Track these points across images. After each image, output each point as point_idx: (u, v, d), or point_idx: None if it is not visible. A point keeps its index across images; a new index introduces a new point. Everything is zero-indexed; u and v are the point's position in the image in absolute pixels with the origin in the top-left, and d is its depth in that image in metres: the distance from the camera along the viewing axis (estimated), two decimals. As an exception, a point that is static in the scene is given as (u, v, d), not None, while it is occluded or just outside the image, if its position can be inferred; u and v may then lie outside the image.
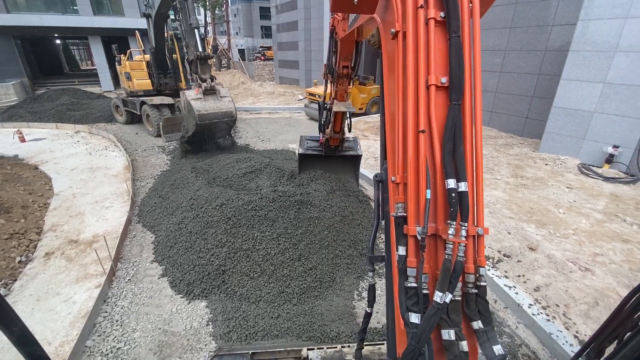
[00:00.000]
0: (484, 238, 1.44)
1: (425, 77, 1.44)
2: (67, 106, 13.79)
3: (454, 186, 1.36)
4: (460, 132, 1.43)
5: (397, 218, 1.47)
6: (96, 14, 19.49)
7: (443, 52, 1.47)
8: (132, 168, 7.65)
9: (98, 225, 5.31)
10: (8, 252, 4.48)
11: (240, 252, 4.14)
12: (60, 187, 6.82)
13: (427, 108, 1.44)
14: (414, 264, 1.39)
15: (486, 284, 1.42)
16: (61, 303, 3.73)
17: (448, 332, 1.32)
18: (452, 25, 1.43)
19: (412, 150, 1.43)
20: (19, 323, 1.11)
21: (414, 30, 1.46)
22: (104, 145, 9.70)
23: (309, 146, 6.13)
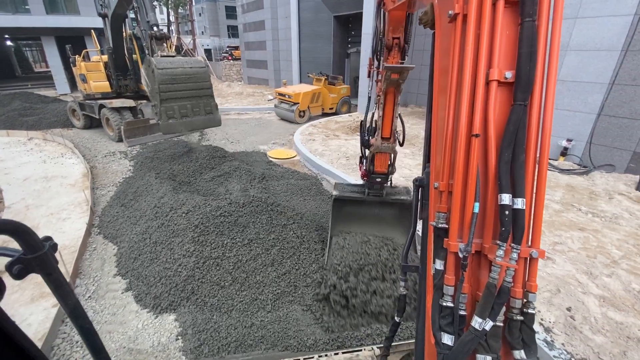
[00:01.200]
0: (537, 261, 1.25)
1: (486, 71, 1.21)
2: (18, 111, 12.76)
3: (508, 202, 1.17)
4: (524, 139, 1.20)
5: (437, 229, 1.32)
6: (49, 12, 18.22)
7: (511, 40, 1.22)
8: (92, 176, 7.21)
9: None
10: (-53, 275, 4.05)
11: (209, 260, 3.99)
12: (11, 199, 6.28)
13: (484, 107, 1.22)
14: (452, 283, 1.25)
15: (535, 312, 1.25)
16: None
17: (484, 358, 1.19)
18: (527, 6, 1.15)
19: (462, 155, 1.24)
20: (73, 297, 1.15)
21: (477, 13, 1.20)
22: (60, 152, 9.07)
23: (347, 189, 4.45)
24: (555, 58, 1.20)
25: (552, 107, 1.22)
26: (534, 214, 1.25)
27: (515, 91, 1.21)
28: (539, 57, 1.18)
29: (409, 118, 11.59)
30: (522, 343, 1.24)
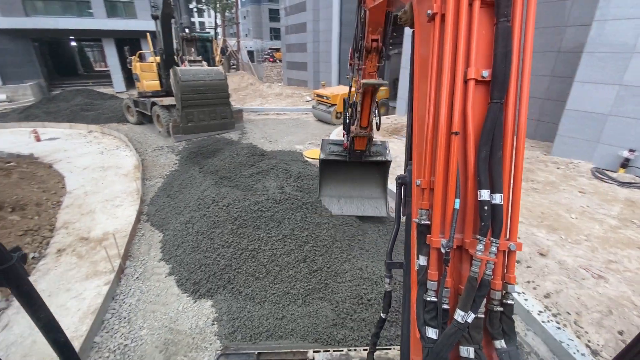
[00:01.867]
0: (515, 254, 1.29)
1: (464, 70, 1.24)
2: (80, 106, 14.11)
3: (487, 198, 1.21)
4: (500, 136, 1.24)
5: (419, 225, 1.36)
6: (110, 16, 19.94)
7: (487, 40, 1.26)
8: (142, 167, 7.77)
9: (108, 223, 5.40)
10: (22, 249, 4.58)
11: (246, 252, 4.16)
12: (72, 185, 6.96)
13: (463, 106, 1.25)
14: (435, 278, 1.29)
15: (514, 303, 1.30)
16: (71, 299, 3.80)
17: (467, 350, 1.23)
18: (502, 7, 1.20)
19: (442, 153, 1.27)
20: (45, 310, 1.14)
21: (455, 13, 1.24)
22: (116, 144, 9.88)
23: (332, 151, 5.44)
24: (529, 57, 1.23)
25: (526, 105, 1.26)
26: (512, 208, 1.28)
27: (492, 89, 1.24)
28: (513, 56, 1.21)
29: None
30: (503, 333, 1.28)
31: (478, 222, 1.24)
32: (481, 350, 1.24)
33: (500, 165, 1.23)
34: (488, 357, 1.26)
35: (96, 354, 3.18)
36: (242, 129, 11.71)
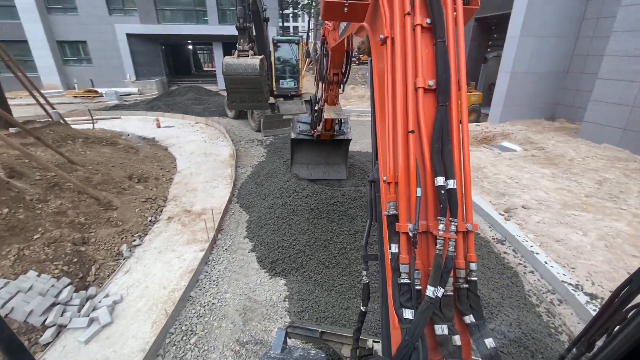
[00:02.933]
0: (473, 234, 1.46)
1: (414, 80, 1.50)
2: (191, 101, 16.45)
3: (442, 183, 1.40)
4: (448, 132, 1.47)
5: (389, 216, 1.50)
6: (220, 23, 22.70)
7: (430, 56, 1.53)
8: (236, 156, 8.76)
9: (206, 201, 6.28)
10: (143, 212, 5.67)
11: (319, 241, 4.42)
12: (181, 166, 8.25)
13: (415, 109, 1.49)
14: (407, 261, 1.42)
15: (477, 279, 1.44)
16: (175, 258, 4.57)
17: (441, 327, 1.34)
18: (438, 30, 1.50)
19: (402, 150, 1.47)
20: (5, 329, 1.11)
21: (402, 36, 1.53)
22: (216, 135, 11.29)
23: (301, 130, 6.37)
24: (463, 68, 1.54)
25: (466, 106, 1.54)
26: (465, 195, 1.47)
27: (437, 95, 1.50)
28: (451, 67, 1.49)
29: (555, 134, 9.87)
30: (470, 308, 1.42)
31: (438, 207, 1.42)
32: (453, 326, 1.36)
33: (451, 156, 1.45)
34: (460, 332, 1.38)
35: (191, 305, 3.79)
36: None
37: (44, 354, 3.10)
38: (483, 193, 6.31)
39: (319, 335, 3.00)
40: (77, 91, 20.00)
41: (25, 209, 4.57)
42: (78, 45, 22.19)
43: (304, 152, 6.62)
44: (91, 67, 22.45)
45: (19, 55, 20.75)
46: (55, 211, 4.82)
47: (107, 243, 4.71)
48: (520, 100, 11.41)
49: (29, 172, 5.33)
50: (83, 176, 6.01)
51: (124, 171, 6.90)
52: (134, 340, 3.28)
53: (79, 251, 4.33)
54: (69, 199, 5.20)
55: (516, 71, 10.89)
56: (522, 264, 4.47)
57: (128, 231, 5.08)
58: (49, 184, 5.30)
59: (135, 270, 4.34)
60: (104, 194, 5.69)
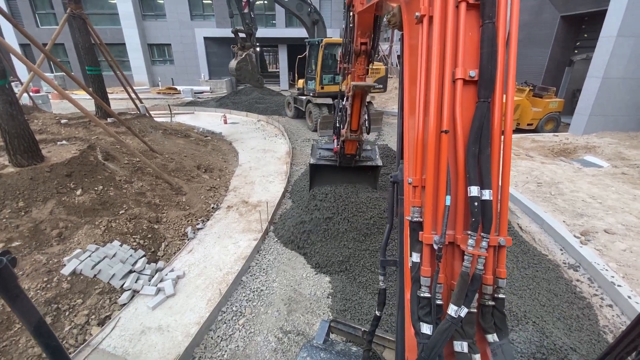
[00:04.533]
0: (505, 249, 1.30)
1: (452, 70, 1.27)
2: (255, 100, 17.45)
3: (477, 194, 1.22)
4: (488, 134, 1.26)
5: (412, 223, 1.36)
6: (287, 26, 23.69)
7: (474, 41, 1.27)
8: (292, 154, 9.10)
9: (262, 194, 6.64)
10: (207, 199, 6.21)
11: (366, 252, 4.40)
12: (242, 160, 8.83)
13: (452, 105, 1.27)
14: (429, 274, 1.29)
15: (504, 297, 1.31)
16: (231, 244, 4.93)
17: (461, 344, 1.23)
18: (487, 9, 1.22)
19: (433, 151, 1.28)
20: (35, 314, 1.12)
21: (441, 15, 1.27)
22: (275, 133, 11.85)
23: (322, 155, 5.44)
24: (513, 57, 1.25)
25: (512, 103, 1.30)
26: (501, 204, 1.29)
27: (479, 89, 1.26)
28: (499, 56, 1.23)
29: (651, 150, 8.44)
30: (495, 327, 1.29)
31: (469, 218, 1.25)
32: (474, 344, 1.25)
33: (489, 162, 1.25)
34: (481, 351, 1.27)
35: (242, 289, 4.06)
36: (379, 131, 12.06)
37: (120, 313, 3.59)
38: (556, 211, 5.67)
39: (361, 335, 3.01)
40: (160, 88, 22.53)
41: (114, 187, 5.32)
42: (164, 47, 24.95)
43: (324, 179, 5.65)
44: (173, 67, 25.09)
45: (117, 56, 24.00)
46: (137, 192, 5.53)
47: (175, 224, 5.26)
48: (611, 109, 9.97)
49: (119, 157, 6.18)
50: (160, 163, 6.78)
51: (193, 161, 7.62)
52: (192, 313, 3.63)
53: (153, 228, 4.91)
54: (148, 182, 5.92)
55: (609, 76, 9.55)
56: (599, 295, 3.93)
57: (193, 215, 5.61)
58: (134, 168, 6.09)
59: (197, 251, 4.78)
60: (176, 180, 6.35)
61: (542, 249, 4.88)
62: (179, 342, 3.27)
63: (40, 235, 4.16)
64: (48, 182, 4.67)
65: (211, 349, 3.30)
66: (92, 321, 3.47)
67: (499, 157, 1.30)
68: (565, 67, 14.95)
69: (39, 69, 5.44)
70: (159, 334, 3.37)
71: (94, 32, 8.43)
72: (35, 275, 3.62)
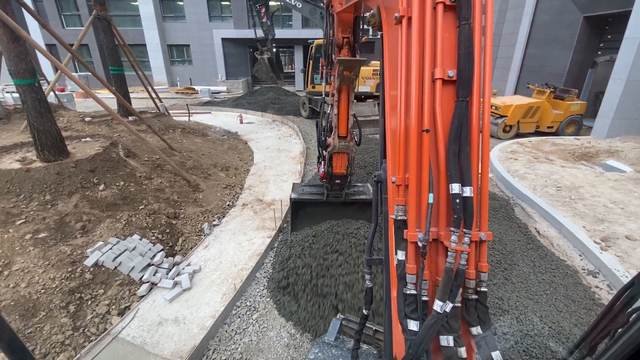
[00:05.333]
0: (486, 243, 1.33)
1: (431, 70, 1.28)
2: (270, 100, 17.65)
3: (458, 191, 1.25)
4: (467, 133, 1.29)
5: (396, 221, 1.38)
6: (303, 27, 23.85)
7: (451, 41, 1.29)
8: (306, 154, 9.16)
9: (276, 193, 6.73)
10: (223, 197, 6.34)
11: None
12: (257, 159, 8.95)
13: (432, 104, 1.29)
14: (414, 271, 1.31)
15: (487, 290, 1.35)
16: (246, 241, 5.02)
17: (447, 339, 1.27)
18: (463, 10, 1.25)
19: (414, 150, 1.30)
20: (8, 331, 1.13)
21: (420, 16, 1.28)
22: (289, 133, 11.95)
23: (306, 191, 4.69)
24: (489, 57, 1.28)
25: (489, 102, 1.32)
26: (481, 200, 1.33)
27: (457, 88, 1.29)
28: (475, 56, 1.25)
29: (680, 155, 8.10)
30: (478, 319, 1.33)
31: (451, 215, 1.28)
32: (460, 337, 1.28)
33: (469, 160, 1.28)
34: (466, 344, 1.30)
35: (256, 284, 4.14)
36: None
37: (139, 304, 3.72)
38: (576, 216, 5.53)
39: (372, 333, 3.02)
40: (178, 88, 23.06)
41: (135, 183, 5.51)
42: (183, 48, 25.51)
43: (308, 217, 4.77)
44: (191, 67, 25.63)
45: (138, 56, 24.67)
46: (156, 188, 5.70)
47: (192, 220, 5.40)
48: (636, 112, 9.62)
49: (140, 154, 6.39)
50: (179, 161, 6.97)
51: (210, 159, 7.79)
52: (207, 307, 3.72)
53: (171, 224, 5.06)
54: (167, 178, 6.09)
55: (634, 79, 9.22)
56: (619, 302, 3.81)
57: (210, 212, 5.74)
58: (154, 165, 6.28)
59: (213, 247, 4.89)
60: (193, 178, 6.51)
61: (561, 254, 4.77)
62: (195, 334, 3.37)
63: (65, 227, 4.35)
64: (73, 177, 4.88)
65: (225, 342, 3.39)
66: (112, 311, 3.61)
67: (478, 154, 1.33)
68: (587, 69, 14.50)
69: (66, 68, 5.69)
70: (175, 325, 3.48)
71: (117, 33, 8.74)
72: (60, 265, 3.80)
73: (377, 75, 10.93)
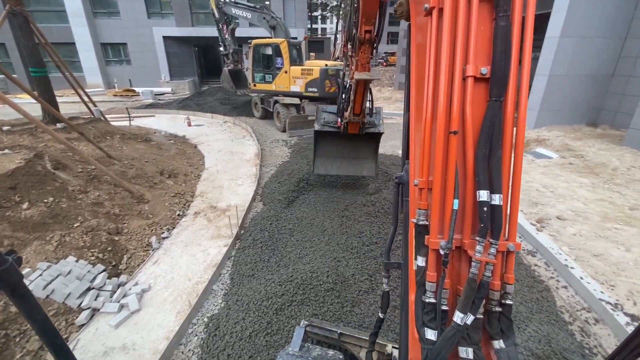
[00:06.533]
0: (514, 254, 1.24)
1: (463, 66, 1.19)
2: (220, 101, 16.96)
3: (486, 199, 1.16)
4: (500, 135, 1.19)
5: (417, 226, 1.32)
6: (251, 25, 23.26)
7: (486, 35, 1.19)
8: (261, 156, 8.93)
9: (231, 198, 6.45)
10: (172, 206, 5.92)
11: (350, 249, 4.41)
12: (208, 164, 8.53)
13: (462, 104, 1.19)
14: (434, 279, 1.25)
15: (512, 303, 1.25)
16: (200, 252, 4.73)
17: (466, 350, 1.20)
18: (501, 2, 1.14)
19: (440, 152, 1.22)
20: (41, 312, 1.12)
21: (452, 6, 1.18)
22: (242, 134, 11.58)
23: (327, 121, 5.57)
24: (528, 54, 1.15)
25: (525, 103, 1.19)
26: (510, 208, 1.23)
27: (491, 87, 1.18)
28: (513, 52, 1.14)
29: (596, 141, 9.26)
30: (501, 333, 1.24)
31: (477, 222, 1.20)
32: (480, 350, 1.21)
33: (500, 165, 1.18)
34: (486, 357, 1.23)
35: (213, 298, 3.91)
36: None
37: (78, 334, 3.31)
38: (514, 201, 6.03)
39: (337, 337, 2.98)
40: (117, 90, 21.23)
41: (67, 198, 4.91)
42: (119, 47, 23.56)
43: (328, 146, 5.91)
44: (130, 67, 23.77)
45: (67, 56, 22.31)
46: (93, 202, 5.15)
47: (138, 234, 4.96)
48: (558, 104, 10.80)
49: (72, 165, 5.72)
50: (119, 170, 6.37)
51: (156, 167, 7.24)
52: (160, 329, 3.43)
53: (113, 240, 4.59)
54: (106, 191, 5.53)
55: (555, 74, 10.33)
56: (555, 278, 4.22)
57: (157, 224, 5.32)
58: (89, 176, 5.67)
59: (163, 262, 4.53)
60: (137, 188, 5.99)
61: (504, 238, 5.16)
62: (147, 360, 3.08)
63: (-20, 255, 3.74)
64: (-12, 196, 4.21)
65: (182, 364, 3.14)
66: (46, 346, 3.17)
67: (510, 159, 1.21)
68: (516, 65, 15.97)
69: (-28, 71, 4.89)
70: (123, 353, 3.15)
71: (37, 30, 7.74)
72: (-25, 300, 3.25)
73: (305, 75, 11.00)
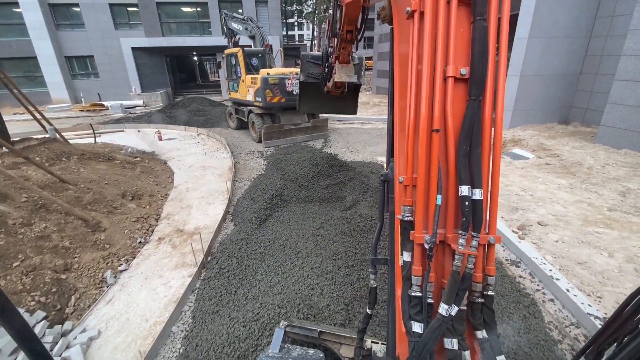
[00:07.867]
0: (494, 247, 1.33)
1: (443, 67, 1.25)
2: (194, 112, 16.40)
3: (467, 194, 1.23)
4: (479, 133, 1.26)
5: (403, 222, 1.39)
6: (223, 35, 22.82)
7: (465, 38, 1.27)
8: (234, 170, 8.50)
9: (200, 219, 6.00)
10: (133, 233, 5.41)
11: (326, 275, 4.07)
12: (178, 181, 8.03)
13: (443, 103, 1.26)
14: (419, 273, 1.32)
15: (494, 294, 1.33)
16: (161, 285, 4.27)
17: (451, 341, 1.27)
18: (478, 5, 1.21)
19: (423, 150, 1.28)
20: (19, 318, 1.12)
21: (433, 10, 1.25)
22: (216, 147, 11.10)
23: (311, 73, 5.57)
24: (504, 55, 1.25)
25: (502, 102, 1.29)
26: (490, 202, 1.31)
27: (470, 87, 1.25)
28: (490, 53, 1.22)
29: (570, 139, 9.35)
30: (484, 323, 1.32)
31: (459, 217, 1.27)
32: (464, 340, 1.28)
33: (480, 162, 1.25)
34: (470, 347, 1.30)
35: (171, 342, 3.46)
36: (325, 138, 11.93)
37: (5, 404, 2.81)
38: (494, 207, 5.86)
39: (318, 335, 2.80)
40: (83, 105, 20.24)
41: (6, 234, 4.36)
42: (86, 60, 22.59)
43: (313, 91, 5.88)
44: (98, 80, 22.80)
45: (29, 71, 21.18)
46: (38, 235, 4.60)
47: (90, 269, 4.44)
48: (530, 104, 10.92)
49: (14, 194, 5.14)
50: (73, 196, 5.81)
51: (117, 188, 6.69)
52: (106, 386, 2.97)
53: (59, 279, 4.07)
54: (54, 221, 4.98)
55: (525, 74, 10.44)
56: (541, 290, 4.02)
57: (115, 255, 4.81)
58: (35, 206, 5.10)
59: (118, 300, 4.05)
60: (92, 215, 5.46)
61: (486, 248, 4.95)
62: None
63: None
64: None
65: None
66: (-37, 422, 2.66)
67: (489, 156, 1.30)
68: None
69: None
70: (59, 423, 2.68)
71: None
72: None
73: (254, 84, 10.80)
